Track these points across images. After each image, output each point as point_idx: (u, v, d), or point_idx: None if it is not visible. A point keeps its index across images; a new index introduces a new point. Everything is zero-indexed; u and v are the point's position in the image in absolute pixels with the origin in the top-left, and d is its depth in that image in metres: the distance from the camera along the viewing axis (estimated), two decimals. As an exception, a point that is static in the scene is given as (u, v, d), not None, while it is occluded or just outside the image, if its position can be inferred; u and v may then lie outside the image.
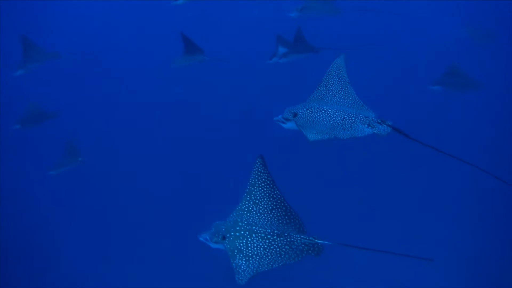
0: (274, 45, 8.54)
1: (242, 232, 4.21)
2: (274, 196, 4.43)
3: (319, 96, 4.72)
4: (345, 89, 4.68)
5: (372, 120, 4.35)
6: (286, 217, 4.37)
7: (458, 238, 8.41)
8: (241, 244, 4.15)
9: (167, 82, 11.11)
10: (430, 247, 7.68)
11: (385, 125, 4.30)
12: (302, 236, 4.18)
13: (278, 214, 4.37)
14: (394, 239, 7.27)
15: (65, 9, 14.02)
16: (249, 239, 4.17)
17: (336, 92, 4.67)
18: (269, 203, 4.42)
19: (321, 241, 4.16)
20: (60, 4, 14.02)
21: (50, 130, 10.41)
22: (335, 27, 11.47)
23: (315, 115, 4.51)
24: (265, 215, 4.38)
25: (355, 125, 4.35)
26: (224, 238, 4.23)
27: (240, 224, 4.27)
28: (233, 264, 4.03)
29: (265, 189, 4.45)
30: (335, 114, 4.45)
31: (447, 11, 12.54)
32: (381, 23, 12.11)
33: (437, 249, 7.37)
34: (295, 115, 4.61)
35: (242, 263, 4.03)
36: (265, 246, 4.12)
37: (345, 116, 4.40)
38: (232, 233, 4.22)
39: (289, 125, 4.71)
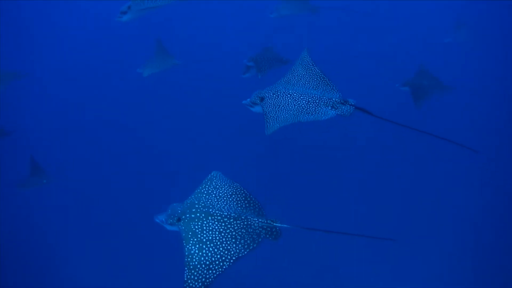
0: (254, 47, 8.69)
1: (198, 214, 4.03)
2: (234, 185, 4.37)
3: (286, 80, 4.75)
4: (310, 71, 4.67)
5: (336, 101, 4.29)
6: (246, 202, 4.23)
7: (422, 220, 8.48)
8: (196, 227, 3.97)
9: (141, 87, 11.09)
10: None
11: (348, 105, 4.23)
12: (260, 219, 4.01)
13: (237, 198, 4.25)
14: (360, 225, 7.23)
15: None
16: (205, 222, 3.99)
17: (301, 76, 4.69)
18: (229, 189, 4.32)
19: (279, 224, 3.99)
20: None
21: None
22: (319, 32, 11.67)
23: (281, 100, 4.48)
24: (224, 198, 4.24)
25: (319, 108, 4.31)
26: (179, 220, 4.05)
27: (196, 206, 4.11)
28: (185, 250, 3.81)
29: (225, 180, 4.41)
30: (300, 98, 4.41)
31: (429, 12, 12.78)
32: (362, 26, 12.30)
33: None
34: (262, 99, 4.58)
35: (195, 251, 3.81)
36: (221, 229, 3.94)
37: (310, 100, 4.37)
38: (188, 215, 4.04)
39: (257, 109, 4.69)
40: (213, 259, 3.76)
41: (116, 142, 10.85)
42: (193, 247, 3.84)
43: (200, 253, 3.79)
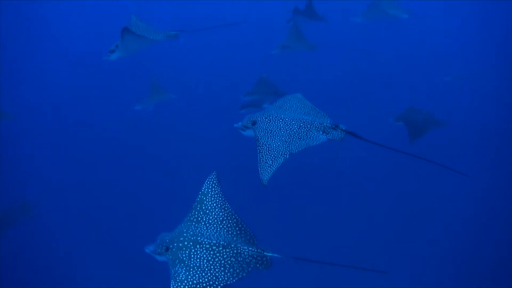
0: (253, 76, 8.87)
1: (186, 243, 3.91)
2: (225, 208, 4.22)
3: (278, 105, 4.73)
4: (301, 101, 4.72)
5: (327, 126, 4.27)
6: (237, 229, 4.09)
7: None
8: (184, 255, 3.84)
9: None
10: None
11: (339, 130, 4.20)
12: (250, 248, 3.87)
13: (229, 225, 4.11)
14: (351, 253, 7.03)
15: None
16: (193, 250, 3.86)
17: (293, 104, 4.71)
18: (220, 214, 4.18)
19: (270, 254, 3.85)
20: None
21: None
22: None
23: (273, 124, 4.44)
24: (215, 225, 4.11)
25: (310, 132, 4.28)
26: (167, 249, 3.93)
27: (185, 234, 3.99)
28: (172, 271, 3.69)
29: (217, 200, 4.26)
30: (291, 122, 4.39)
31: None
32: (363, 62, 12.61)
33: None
34: (254, 123, 4.55)
35: (182, 271, 3.69)
36: (209, 257, 3.81)
37: (301, 125, 4.35)
38: (176, 244, 3.92)
39: (248, 133, 4.64)
40: (200, 280, 3.66)
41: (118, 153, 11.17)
42: (180, 269, 3.75)
43: (187, 273, 3.70)
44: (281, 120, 4.42)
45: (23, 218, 8.55)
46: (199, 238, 3.93)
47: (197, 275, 3.66)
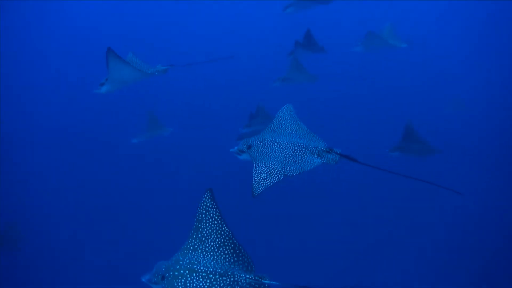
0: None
1: (182, 271, 3.85)
2: (222, 232, 4.12)
3: (272, 128, 4.76)
4: (296, 123, 4.75)
5: (321, 150, 4.29)
6: (235, 255, 4.02)
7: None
8: (179, 284, 3.78)
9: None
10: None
11: (334, 153, 4.20)
12: (247, 276, 3.79)
13: (226, 252, 4.04)
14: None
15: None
16: (189, 279, 3.80)
17: (288, 126, 4.74)
18: (217, 240, 4.11)
19: (268, 281, 3.76)
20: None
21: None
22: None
23: (268, 148, 4.48)
24: (211, 253, 4.04)
25: (305, 156, 4.30)
26: (163, 278, 3.88)
27: (181, 263, 3.93)
28: None
29: (212, 225, 4.15)
30: (286, 146, 4.42)
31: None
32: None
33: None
34: (249, 147, 4.59)
35: None
36: (205, 286, 3.74)
37: (296, 148, 4.37)
38: (171, 273, 3.87)
39: (244, 157, 4.69)
40: None
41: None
42: None
43: None
44: (276, 144, 4.46)
45: (8, 246, 8.46)
46: (195, 266, 3.88)
47: None
